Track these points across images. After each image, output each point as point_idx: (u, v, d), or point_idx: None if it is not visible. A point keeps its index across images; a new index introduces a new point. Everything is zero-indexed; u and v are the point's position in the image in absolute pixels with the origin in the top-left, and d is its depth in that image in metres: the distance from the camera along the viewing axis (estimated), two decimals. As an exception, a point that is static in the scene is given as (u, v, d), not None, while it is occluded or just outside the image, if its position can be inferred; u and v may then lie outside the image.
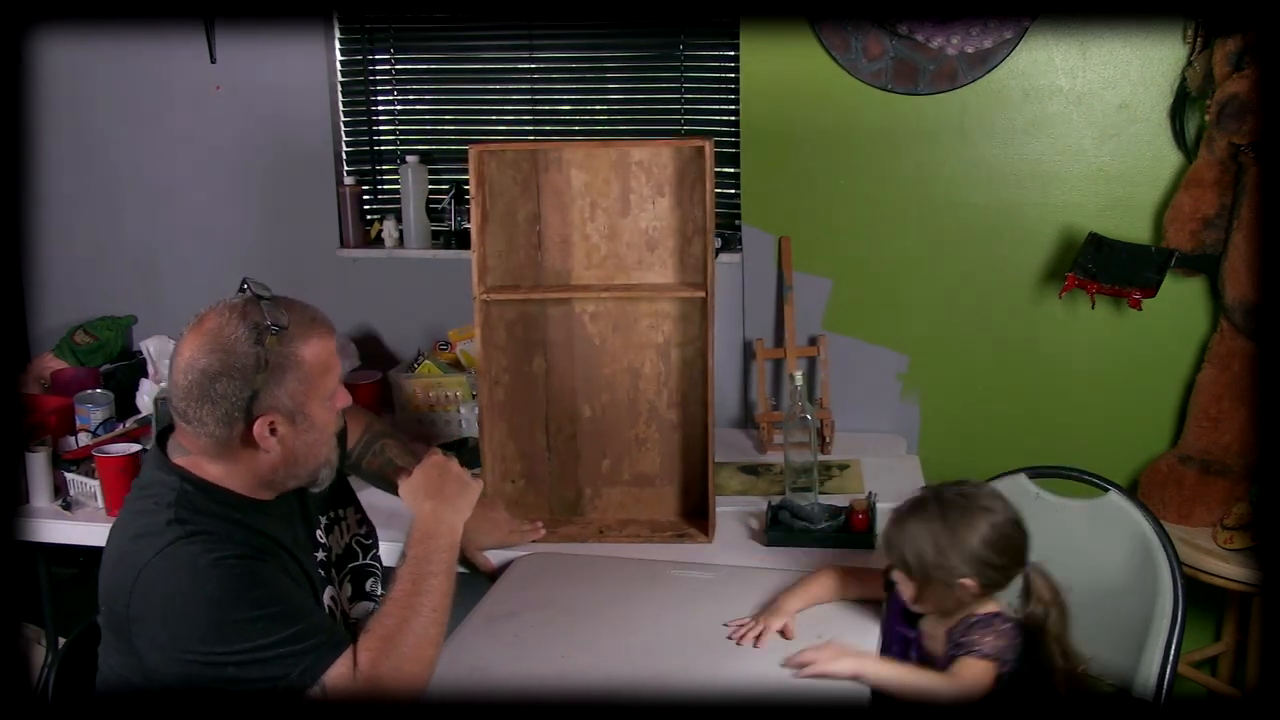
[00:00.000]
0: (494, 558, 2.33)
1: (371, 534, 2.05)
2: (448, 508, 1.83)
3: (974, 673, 1.83)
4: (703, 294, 2.35)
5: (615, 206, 2.42)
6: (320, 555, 1.87)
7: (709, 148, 2.29)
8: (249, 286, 1.70)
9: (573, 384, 2.49)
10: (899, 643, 1.98)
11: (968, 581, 1.85)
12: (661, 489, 2.51)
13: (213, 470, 1.71)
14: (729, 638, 1.96)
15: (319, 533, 1.89)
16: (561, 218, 2.43)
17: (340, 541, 1.95)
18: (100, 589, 1.72)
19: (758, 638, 1.93)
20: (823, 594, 2.08)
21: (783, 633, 1.94)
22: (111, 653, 1.73)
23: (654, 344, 2.46)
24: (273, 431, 1.68)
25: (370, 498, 2.14)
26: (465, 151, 2.36)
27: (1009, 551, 1.87)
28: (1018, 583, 1.92)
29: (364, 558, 2.00)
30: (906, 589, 1.91)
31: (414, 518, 1.82)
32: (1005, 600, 1.94)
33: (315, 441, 1.74)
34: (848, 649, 1.84)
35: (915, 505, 1.91)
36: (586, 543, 2.39)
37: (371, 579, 1.99)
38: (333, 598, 1.85)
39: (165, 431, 1.78)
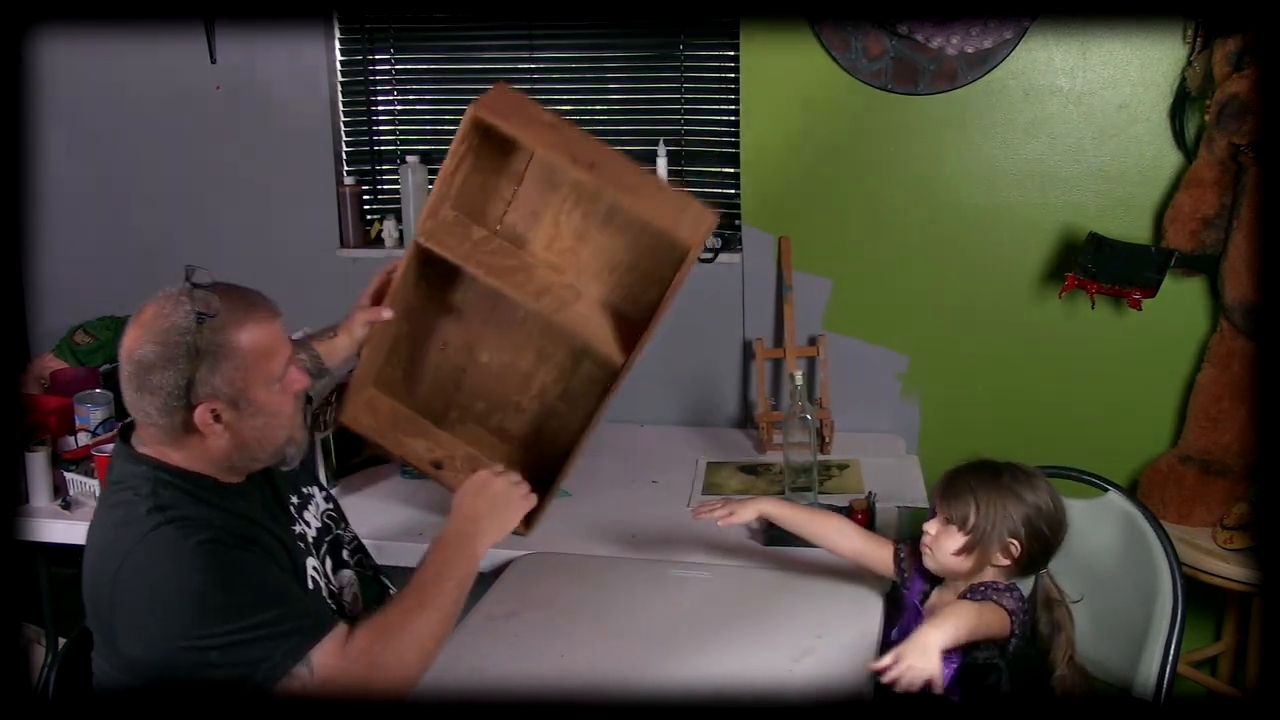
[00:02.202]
0: (493, 558, 2.34)
1: (338, 508, 2.06)
2: (489, 521, 1.83)
3: (996, 612, 1.84)
4: (620, 363, 2.27)
5: (599, 217, 2.36)
6: (298, 529, 1.88)
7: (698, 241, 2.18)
8: (190, 275, 1.71)
9: (481, 333, 2.49)
10: (916, 618, 1.99)
11: (1016, 542, 1.88)
12: (517, 452, 2.53)
13: (176, 457, 1.72)
14: (693, 512, 2.17)
15: (291, 509, 1.90)
16: (540, 194, 2.36)
17: (315, 518, 1.95)
18: (84, 587, 1.72)
19: (719, 520, 2.10)
20: (815, 527, 2.11)
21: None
22: (101, 656, 1.74)
23: (572, 349, 2.44)
24: (217, 418, 1.69)
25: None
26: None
27: (1053, 530, 1.91)
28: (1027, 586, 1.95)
29: (337, 529, 2.00)
30: (950, 543, 1.90)
31: (451, 520, 1.82)
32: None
33: (266, 426, 1.74)
34: (919, 642, 1.72)
35: (984, 464, 1.94)
36: (423, 474, 2.48)
37: (345, 549, 1.99)
38: (315, 568, 1.85)
39: (127, 428, 1.79)
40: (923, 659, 1.68)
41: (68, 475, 2.64)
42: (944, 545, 1.92)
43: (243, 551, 1.67)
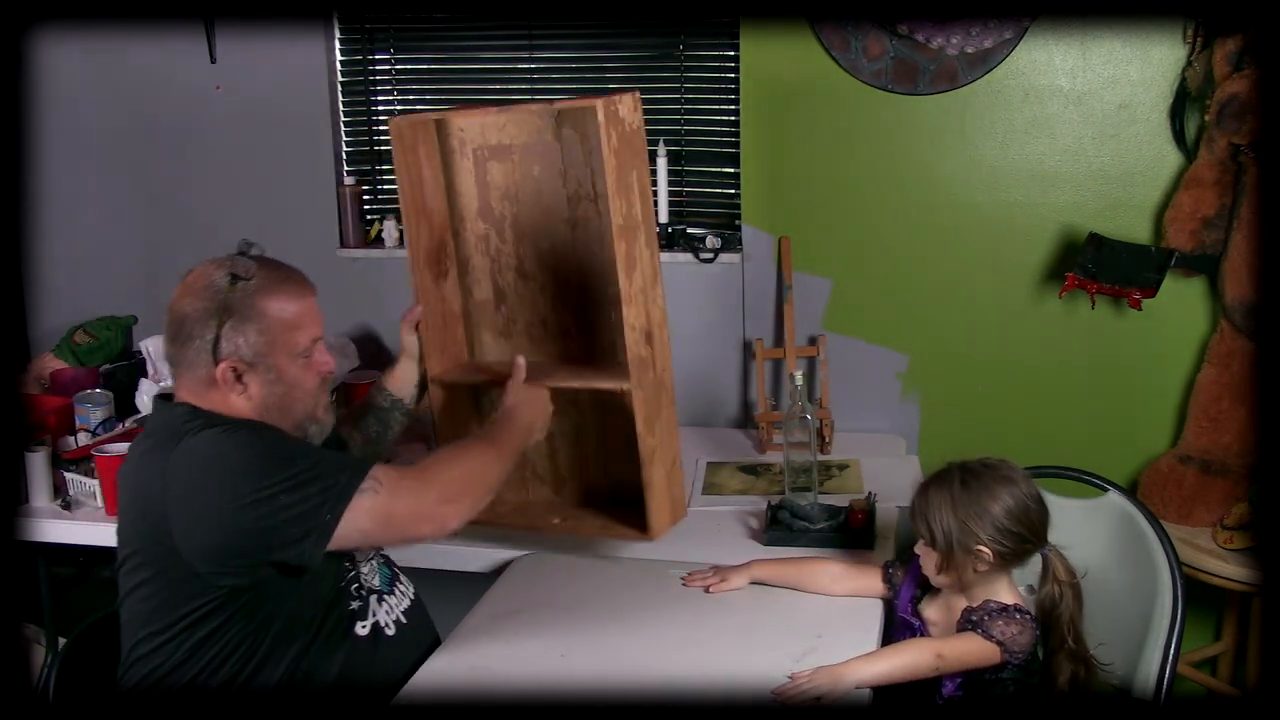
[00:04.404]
0: (493, 557, 2.34)
1: None
2: (528, 427, 2.07)
3: (967, 646, 1.86)
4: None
5: None
6: None
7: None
8: (241, 244, 1.84)
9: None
10: (907, 631, 2.00)
11: (985, 549, 1.87)
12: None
13: (209, 406, 1.82)
14: (682, 580, 2.14)
15: None
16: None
17: None
18: (124, 527, 1.81)
19: (709, 587, 2.12)
20: (806, 579, 2.11)
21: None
22: (144, 595, 1.78)
23: None
24: (238, 377, 1.79)
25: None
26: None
27: (1028, 524, 1.90)
28: (1036, 564, 1.95)
29: None
30: (930, 561, 1.93)
31: (511, 412, 2.06)
32: (1023, 586, 1.97)
33: (287, 396, 1.83)
34: (833, 669, 1.81)
35: (939, 475, 1.95)
36: None
37: None
38: None
39: (164, 394, 1.90)
40: (828, 684, 1.77)
41: (68, 475, 2.64)
42: (928, 564, 1.94)
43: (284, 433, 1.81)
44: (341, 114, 3.37)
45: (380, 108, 3.37)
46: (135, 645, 1.79)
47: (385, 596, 1.96)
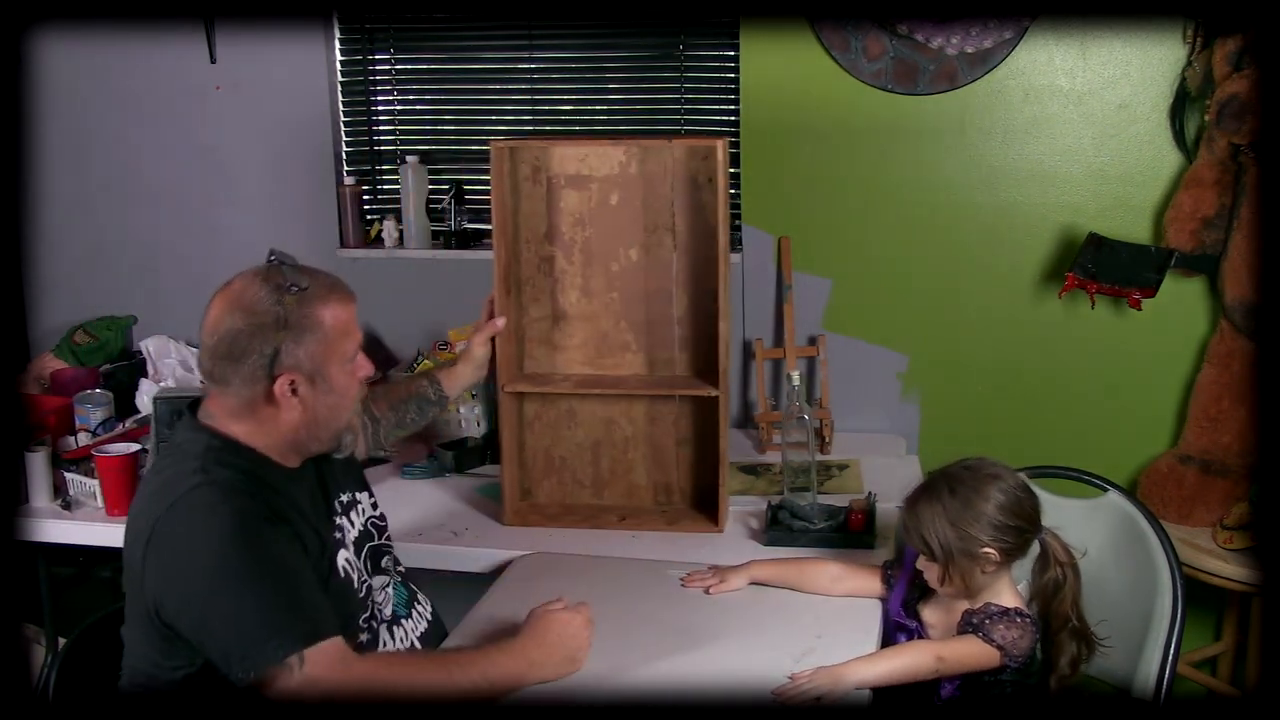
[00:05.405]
0: (494, 557, 2.34)
1: (384, 518, 2.08)
2: (551, 664, 1.81)
3: (967, 648, 1.87)
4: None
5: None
6: (339, 520, 1.91)
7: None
8: (274, 255, 1.79)
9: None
10: (901, 634, 2.00)
11: (989, 550, 1.87)
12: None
13: (239, 430, 1.77)
14: (681, 581, 2.14)
15: (336, 504, 1.92)
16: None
17: (358, 522, 1.98)
18: (124, 552, 1.75)
19: (709, 588, 2.11)
20: (805, 579, 2.11)
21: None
22: (131, 629, 1.75)
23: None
24: (294, 391, 1.74)
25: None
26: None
27: (1023, 514, 1.90)
28: (1034, 552, 1.96)
29: (379, 539, 2.03)
30: (932, 572, 1.93)
31: (521, 638, 1.81)
32: (1022, 584, 1.97)
33: (335, 405, 1.80)
34: (833, 669, 1.81)
35: (925, 488, 1.95)
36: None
37: (387, 557, 2.02)
38: (348, 561, 1.87)
39: (196, 402, 1.84)
40: (828, 684, 1.77)
41: (68, 475, 2.64)
42: (931, 577, 1.94)
43: (273, 527, 1.70)
44: (341, 114, 3.37)
45: (380, 108, 3.37)
46: (136, 657, 1.78)
47: (402, 622, 1.95)
